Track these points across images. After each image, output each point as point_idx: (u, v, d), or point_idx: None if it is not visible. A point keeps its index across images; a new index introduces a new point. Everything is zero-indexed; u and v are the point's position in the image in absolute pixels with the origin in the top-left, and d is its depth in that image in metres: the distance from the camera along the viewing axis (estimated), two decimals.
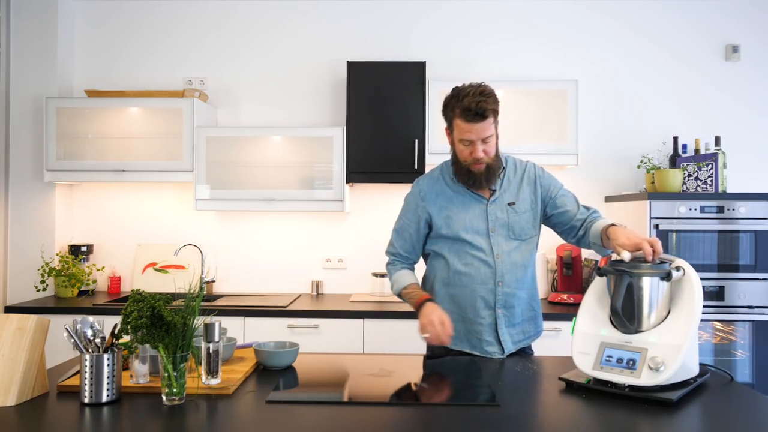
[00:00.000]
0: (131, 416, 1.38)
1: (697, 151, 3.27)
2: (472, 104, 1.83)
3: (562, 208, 2.01)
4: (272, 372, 1.75)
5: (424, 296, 1.97)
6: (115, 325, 1.48)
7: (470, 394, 1.62)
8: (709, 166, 3.10)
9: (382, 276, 3.32)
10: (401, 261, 2.12)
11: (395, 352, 2.41)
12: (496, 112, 1.88)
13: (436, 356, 1.99)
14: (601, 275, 1.68)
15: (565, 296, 3.20)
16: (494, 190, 1.99)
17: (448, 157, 3.19)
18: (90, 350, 1.46)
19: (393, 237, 2.12)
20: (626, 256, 1.62)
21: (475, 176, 1.93)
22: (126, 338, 1.69)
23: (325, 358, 1.94)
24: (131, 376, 1.56)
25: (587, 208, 2.02)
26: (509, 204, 1.98)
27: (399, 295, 2.06)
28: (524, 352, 2.05)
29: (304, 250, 3.57)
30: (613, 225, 1.81)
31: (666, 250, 2.94)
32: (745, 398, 1.54)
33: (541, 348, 2.90)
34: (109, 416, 1.37)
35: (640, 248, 1.61)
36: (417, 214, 2.05)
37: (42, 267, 3.32)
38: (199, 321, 1.52)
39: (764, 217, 2.94)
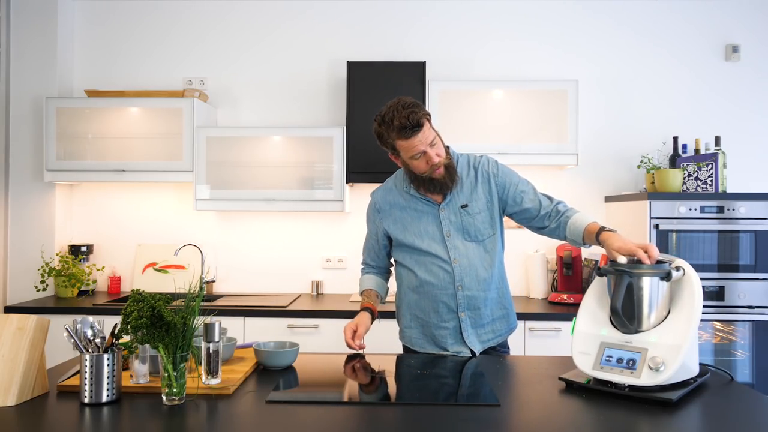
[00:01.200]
0: (131, 416, 1.38)
1: (697, 151, 3.28)
2: (404, 120, 1.82)
3: (521, 205, 2.00)
4: (272, 372, 1.75)
5: (365, 305, 2.08)
6: (115, 325, 1.48)
7: (471, 394, 1.62)
8: (709, 166, 3.10)
9: None
10: (369, 267, 2.21)
11: (395, 351, 2.40)
12: (428, 117, 1.88)
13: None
14: (601, 275, 1.68)
15: (565, 296, 3.20)
16: (445, 194, 1.98)
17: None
18: (90, 350, 1.46)
19: (364, 246, 2.22)
20: (623, 260, 1.64)
21: (439, 182, 1.93)
22: (126, 338, 1.69)
23: (325, 358, 1.94)
24: (131, 376, 1.56)
25: (550, 199, 2.01)
26: (462, 206, 1.98)
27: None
28: (498, 350, 2.06)
29: (304, 250, 3.57)
30: (604, 229, 1.81)
31: (666, 250, 2.94)
32: (745, 398, 1.54)
33: (541, 348, 2.92)
34: (109, 416, 1.37)
35: (635, 254, 1.62)
36: (375, 226, 2.12)
37: (42, 267, 3.32)
38: (199, 321, 1.51)
39: (764, 217, 2.94)
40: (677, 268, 1.59)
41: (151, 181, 3.36)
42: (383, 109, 1.89)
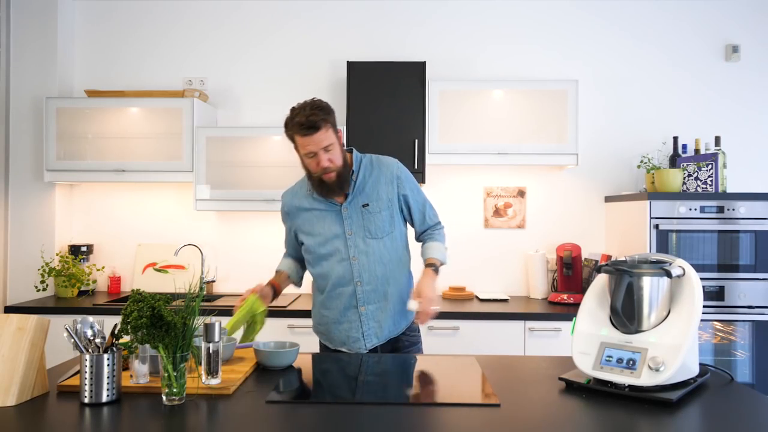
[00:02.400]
0: (131, 416, 1.38)
1: (697, 151, 3.28)
2: (303, 119, 1.94)
3: (408, 214, 2.18)
4: (272, 372, 1.75)
5: (271, 281, 2.20)
6: (115, 325, 1.48)
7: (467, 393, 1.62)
8: (709, 166, 3.10)
9: None
10: (287, 255, 2.34)
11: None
12: (329, 123, 1.98)
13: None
14: (600, 273, 1.68)
15: (565, 296, 3.20)
16: (347, 194, 2.09)
17: (449, 157, 3.25)
18: (90, 350, 1.45)
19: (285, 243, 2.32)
20: (413, 305, 1.92)
21: (328, 185, 2.04)
22: (126, 338, 1.69)
23: (325, 358, 1.94)
24: (131, 376, 1.56)
25: (432, 219, 2.20)
26: (363, 205, 2.09)
27: None
28: (404, 341, 2.14)
29: None
30: (428, 264, 2.07)
31: (666, 250, 2.95)
32: (745, 398, 1.54)
33: (541, 348, 2.92)
34: (109, 416, 1.37)
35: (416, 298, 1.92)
36: (288, 226, 2.24)
37: (42, 267, 3.32)
38: (199, 321, 1.51)
39: (764, 217, 2.94)
40: (677, 268, 1.59)
41: (151, 181, 3.36)
42: (298, 103, 2.00)
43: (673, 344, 1.50)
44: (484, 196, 3.55)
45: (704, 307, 1.61)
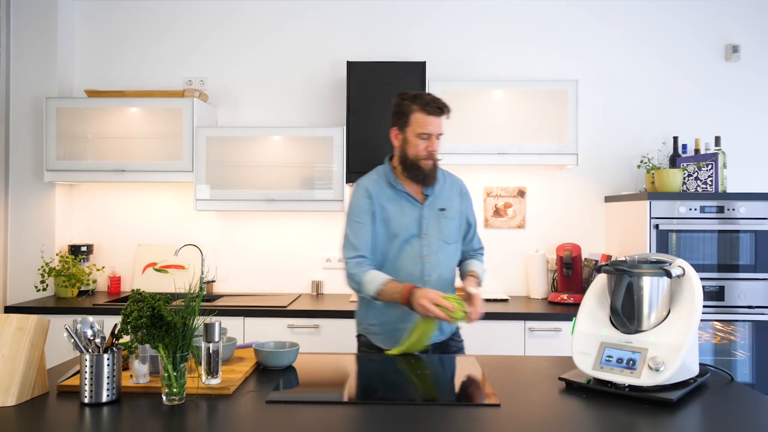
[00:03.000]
0: (131, 416, 1.38)
1: (697, 151, 3.28)
2: (434, 99, 2.03)
3: (467, 228, 2.25)
4: (272, 372, 1.75)
5: (410, 286, 1.94)
6: (115, 325, 1.48)
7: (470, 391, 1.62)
8: (709, 166, 3.10)
9: None
10: (365, 260, 2.05)
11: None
12: (450, 115, 2.06)
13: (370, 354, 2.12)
14: (600, 273, 1.68)
15: (565, 296, 3.20)
16: (427, 196, 2.12)
17: (449, 157, 3.25)
18: (90, 350, 1.46)
19: (351, 239, 2.07)
20: (473, 290, 2.02)
21: (423, 172, 2.06)
22: (126, 338, 1.69)
23: (325, 358, 1.94)
24: (131, 376, 1.56)
25: (477, 244, 2.30)
26: (440, 209, 2.13)
27: (377, 294, 1.99)
28: (451, 344, 2.17)
29: (304, 250, 3.56)
30: (470, 276, 2.15)
31: (666, 250, 2.95)
32: (745, 398, 1.54)
33: (541, 348, 2.91)
34: (109, 416, 1.37)
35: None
36: (370, 212, 2.08)
37: (42, 267, 3.32)
38: (199, 321, 1.51)
39: (764, 217, 2.94)
40: (677, 268, 1.59)
41: (151, 181, 3.36)
42: (411, 92, 2.07)
43: (673, 344, 1.50)
44: (484, 196, 3.55)
45: (704, 307, 1.61)
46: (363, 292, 2.03)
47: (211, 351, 1.56)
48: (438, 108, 2.01)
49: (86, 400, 1.43)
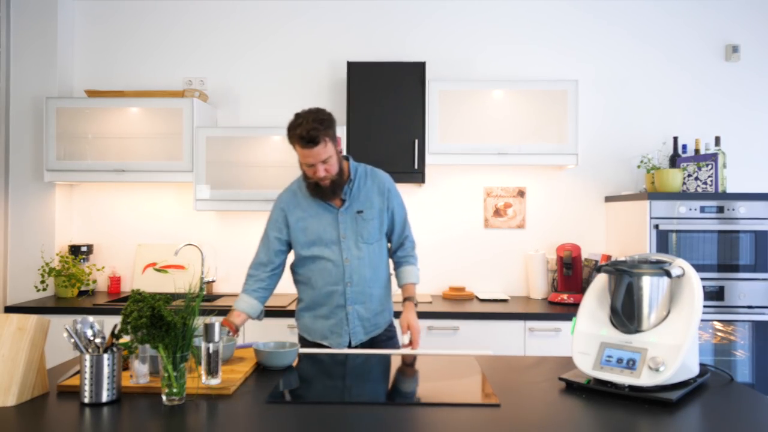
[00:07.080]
0: (131, 416, 1.38)
1: (697, 151, 3.28)
2: (304, 133, 1.99)
3: (390, 226, 2.29)
4: (272, 372, 1.75)
5: (228, 321, 2.11)
6: (115, 325, 1.48)
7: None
8: (709, 166, 3.10)
9: None
10: (253, 281, 2.23)
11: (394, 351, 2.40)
12: (328, 136, 2.03)
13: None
14: (599, 273, 1.68)
15: (565, 296, 3.20)
16: (344, 200, 2.19)
17: (449, 157, 3.27)
18: (90, 350, 1.46)
19: (257, 251, 2.28)
20: (405, 339, 2.11)
21: (322, 189, 2.13)
22: (126, 338, 1.70)
23: (325, 358, 1.94)
24: (131, 376, 1.56)
25: (406, 244, 2.34)
26: (358, 212, 2.20)
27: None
28: (382, 338, 2.26)
29: None
30: (407, 299, 2.23)
31: (666, 250, 2.95)
32: (745, 398, 1.54)
33: (541, 348, 2.92)
34: (109, 416, 1.37)
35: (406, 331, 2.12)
36: (280, 224, 2.23)
37: (42, 267, 3.32)
38: (199, 321, 1.52)
39: (764, 217, 2.94)
40: (677, 268, 1.59)
41: (151, 181, 3.36)
42: (301, 111, 2.06)
43: (673, 344, 1.50)
44: (484, 196, 3.55)
45: (704, 307, 1.62)
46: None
47: (211, 351, 1.56)
48: (309, 141, 1.99)
49: (86, 400, 1.43)
